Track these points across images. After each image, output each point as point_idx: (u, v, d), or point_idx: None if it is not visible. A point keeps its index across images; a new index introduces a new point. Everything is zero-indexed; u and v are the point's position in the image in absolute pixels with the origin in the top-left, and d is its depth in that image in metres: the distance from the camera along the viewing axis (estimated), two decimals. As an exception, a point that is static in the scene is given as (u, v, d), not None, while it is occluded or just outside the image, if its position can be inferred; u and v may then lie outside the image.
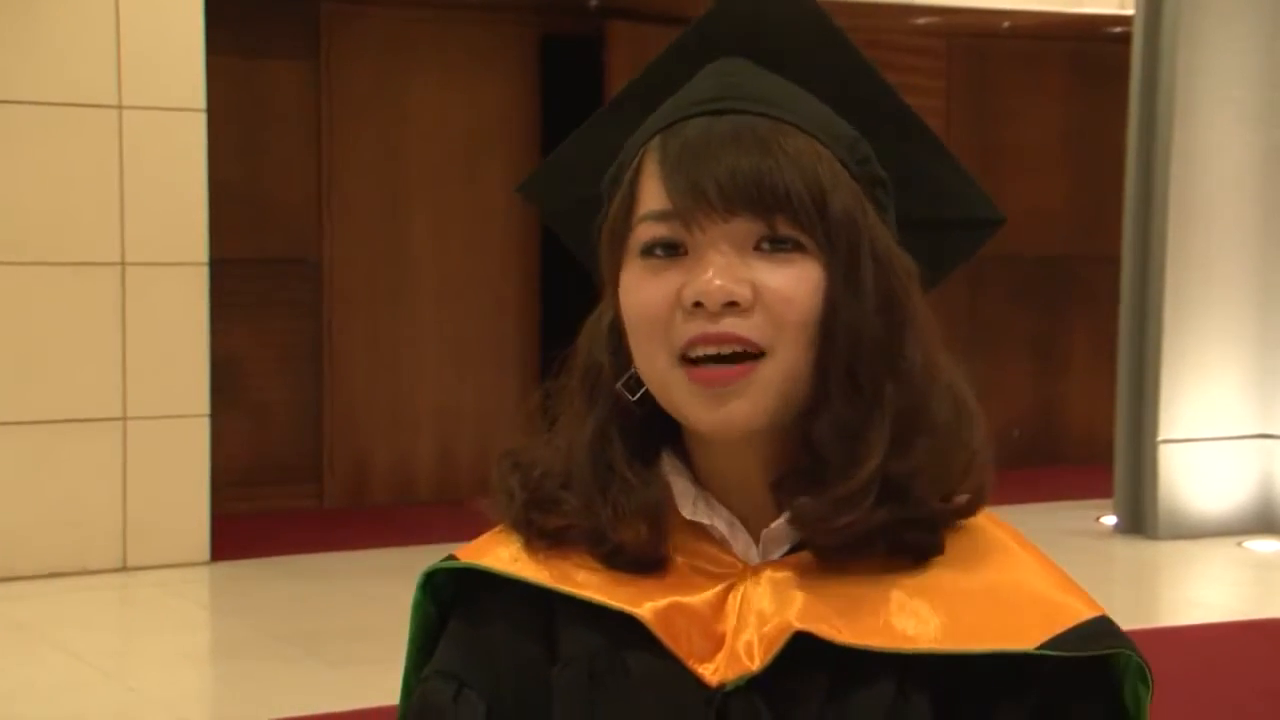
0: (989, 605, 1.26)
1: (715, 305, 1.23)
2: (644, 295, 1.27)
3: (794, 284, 1.25)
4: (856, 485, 1.24)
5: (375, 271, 9.30)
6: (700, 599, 1.29)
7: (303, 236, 9.14)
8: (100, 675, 5.80)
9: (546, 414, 1.37)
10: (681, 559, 1.31)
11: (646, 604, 1.28)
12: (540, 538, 1.33)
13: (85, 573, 7.32)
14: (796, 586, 1.28)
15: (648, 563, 1.30)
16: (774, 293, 1.24)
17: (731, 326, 1.24)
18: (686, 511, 1.31)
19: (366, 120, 9.23)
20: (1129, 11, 9.11)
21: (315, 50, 9.13)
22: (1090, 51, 10.69)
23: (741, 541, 1.31)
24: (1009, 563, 1.30)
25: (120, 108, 7.36)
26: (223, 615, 7.06)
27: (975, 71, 10.69)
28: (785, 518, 1.28)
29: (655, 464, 1.32)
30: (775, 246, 1.25)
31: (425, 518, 8.68)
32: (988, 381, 10.16)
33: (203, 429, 7.59)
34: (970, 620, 1.25)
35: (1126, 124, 8.59)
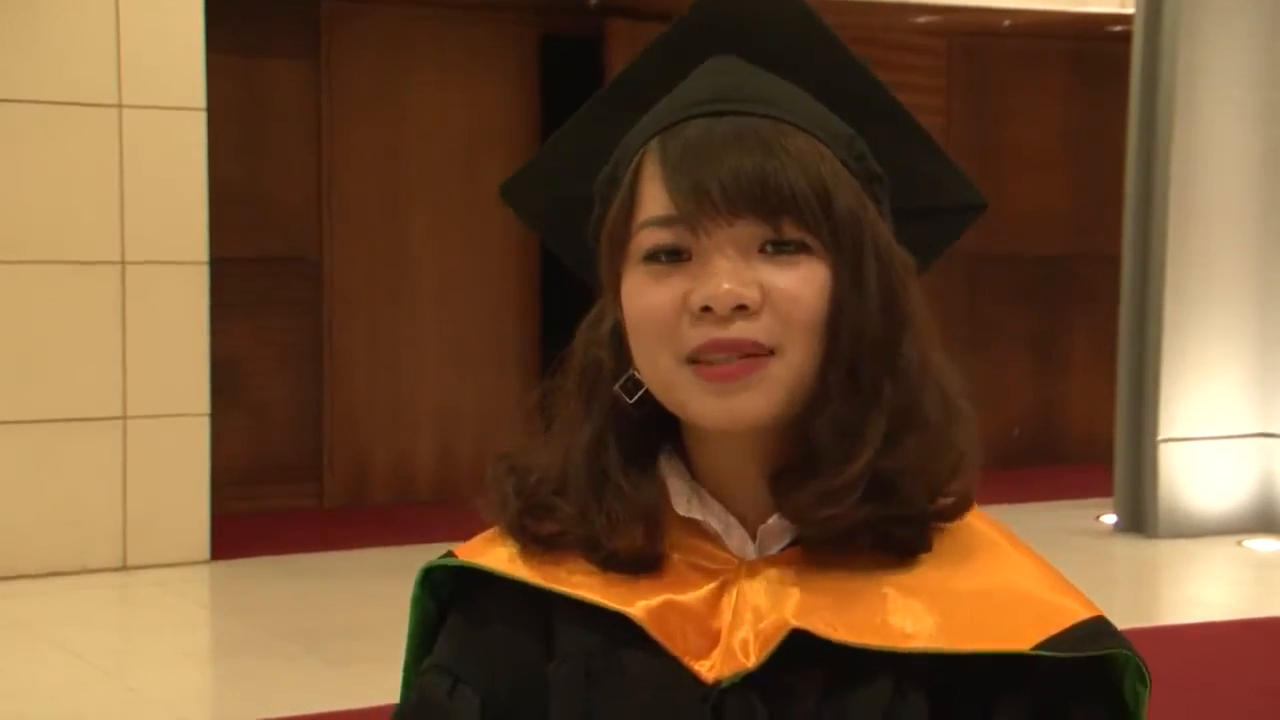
0: (984, 606, 1.26)
1: (724, 310, 1.23)
2: (649, 301, 1.26)
3: (801, 284, 1.24)
4: (845, 480, 1.25)
5: (375, 270, 9.30)
6: (695, 596, 1.29)
7: (303, 236, 9.14)
8: (100, 674, 5.80)
9: (543, 415, 1.36)
10: (677, 556, 1.31)
11: (640, 603, 1.28)
12: (535, 543, 1.33)
13: (85, 572, 7.32)
14: (793, 583, 1.28)
15: (643, 562, 1.30)
16: (781, 293, 1.24)
17: (741, 331, 1.23)
18: (681, 509, 1.31)
19: (367, 119, 9.23)
20: (1129, 10, 9.11)
21: (315, 49, 9.13)
22: (1090, 50, 10.69)
23: (737, 538, 1.31)
24: (1003, 563, 1.30)
25: (120, 107, 7.37)
26: (223, 614, 7.06)
27: (975, 71, 10.68)
28: (780, 512, 1.28)
29: (652, 466, 1.32)
30: (780, 248, 1.25)
31: (425, 517, 8.68)
32: (988, 381, 10.11)
33: (203, 428, 7.59)
34: (965, 620, 1.25)
35: (1127, 123, 8.59)
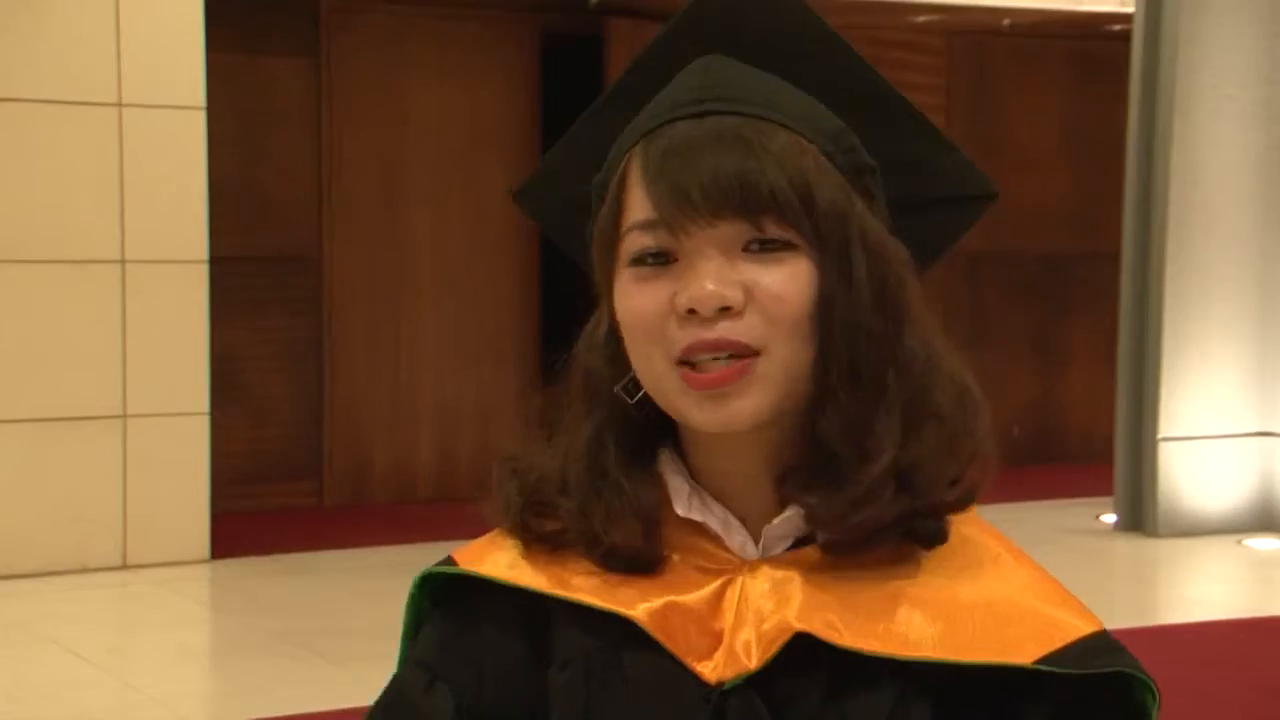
0: (986, 618, 1.26)
1: (708, 311, 1.23)
2: (636, 304, 1.27)
3: (785, 282, 1.24)
4: (873, 480, 1.24)
5: (375, 269, 9.30)
6: (696, 597, 1.29)
7: (303, 234, 9.14)
8: (100, 672, 5.80)
9: (547, 418, 1.37)
10: (677, 557, 1.31)
11: (641, 605, 1.28)
12: (537, 541, 1.33)
13: (85, 570, 7.32)
14: (797, 585, 1.28)
15: (642, 563, 1.30)
16: (765, 291, 1.24)
17: (725, 331, 1.24)
18: (681, 509, 1.31)
19: (366, 118, 9.23)
20: (1129, 9, 9.10)
21: (315, 48, 9.13)
22: (1090, 49, 10.69)
23: (738, 538, 1.31)
24: (1005, 577, 1.30)
25: (120, 105, 7.36)
26: (222, 613, 7.06)
27: (975, 69, 10.68)
28: (790, 512, 1.28)
29: (652, 465, 1.32)
30: (764, 247, 1.25)
31: (425, 515, 8.68)
32: (988, 379, 10.14)
33: (202, 426, 7.59)
34: (968, 632, 1.25)
35: (1126, 121, 8.58)
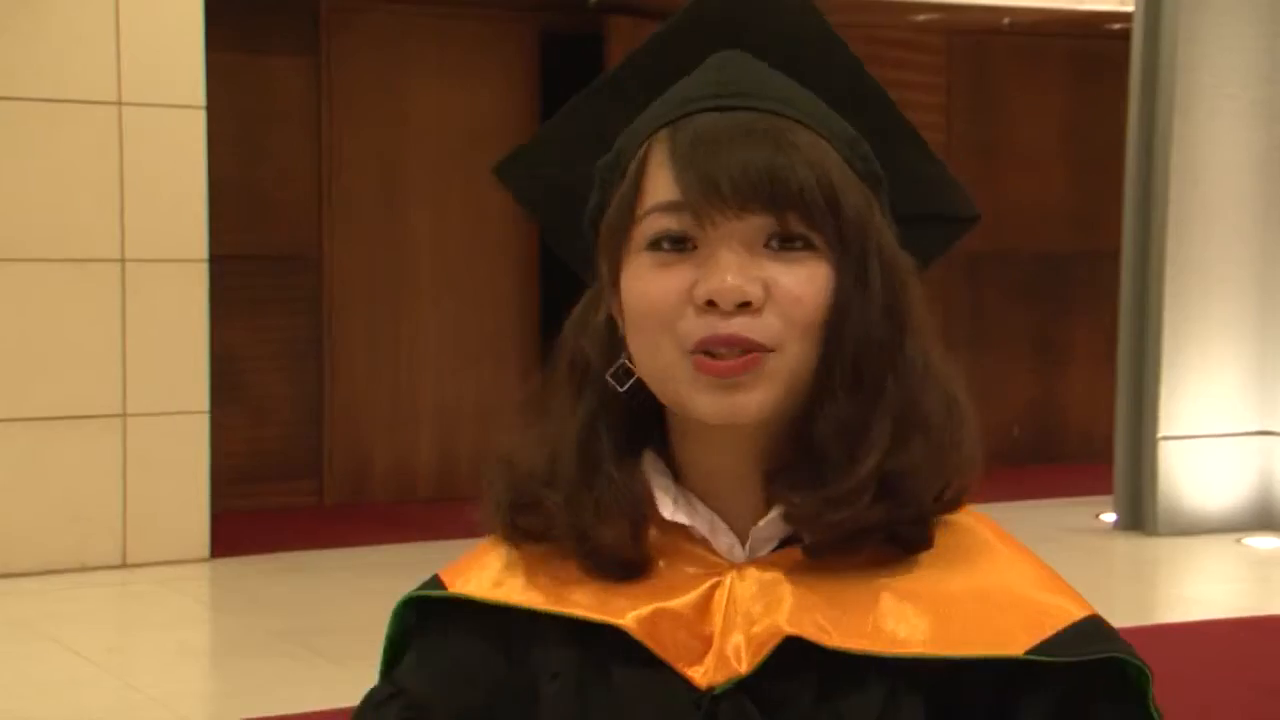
0: (977, 609, 1.26)
1: (729, 305, 1.23)
2: (653, 289, 1.25)
3: (804, 284, 1.24)
4: (854, 483, 1.24)
5: (375, 268, 9.30)
6: (684, 601, 1.28)
7: (302, 233, 9.14)
8: (100, 671, 5.80)
9: (536, 407, 1.36)
10: (663, 561, 1.30)
11: (630, 614, 1.28)
12: (526, 540, 1.32)
13: (85, 569, 7.32)
14: (785, 586, 1.27)
15: (628, 564, 1.29)
16: (785, 292, 1.24)
17: (741, 328, 1.23)
18: (667, 512, 1.30)
19: (366, 117, 9.23)
20: (1129, 8, 9.10)
21: (315, 47, 9.12)
22: (1090, 48, 10.69)
23: (724, 541, 1.30)
24: (995, 564, 1.29)
25: (120, 104, 7.36)
26: (222, 611, 7.06)
27: (975, 68, 10.68)
28: (775, 513, 1.28)
29: (637, 462, 1.31)
30: (785, 244, 1.24)
31: (425, 514, 8.68)
32: (987, 378, 10.10)
33: (202, 425, 7.59)
34: (958, 624, 1.25)
35: (1126, 120, 8.58)
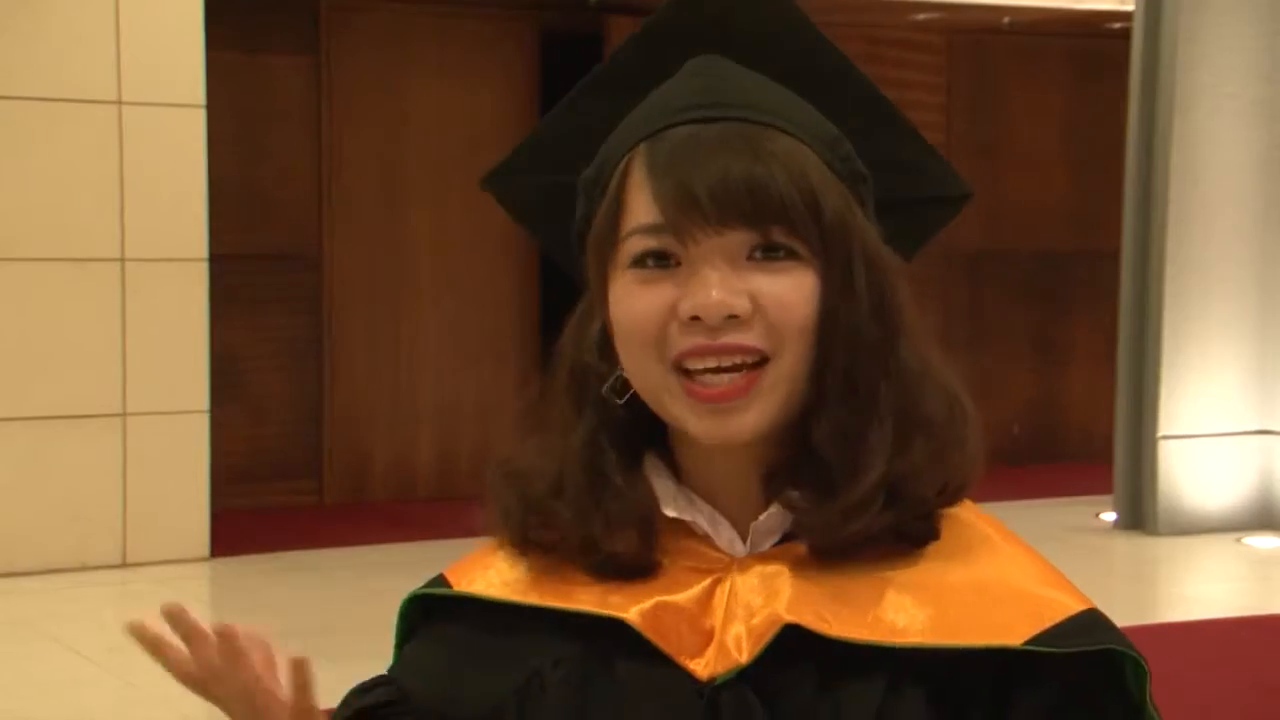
0: (976, 600, 1.26)
1: (715, 320, 1.23)
2: (636, 306, 1.26)
3: (791, 291, 1.24)
4: (864, 492, 1.25)
5: (375, 267, 9.30)
6: (687, 595, 1.29)
7: (302, 232, 9.14)
8: (100, 671, 5.80)
9: (534, 415, 1.36)
10: (667, 559, 1.31)
11: (633, 608, 1.28)
12: (537, 551, 1.33)
13: (85, 568, 7.32)
14: (785, 579, 1.28)
15: (638, 569, 1.30)
16: (773, 300, 1.24)
17: (732, 338, 1.24)
18: (669, 510, 1.31)
19: (366, 116, 9.23)
20: (1129, 7, 9.10)
21: (315, 46, 9.13)
22: (1090, 47, 10.69)
23: (725, 536, 1.31)
24: (995, 558, 1.30)
25: (120, 103, 7.36)
26: (222, 611, 7.05)
27: (975, 67, 10.68)
28: (775, 508, 1.28)
29: (639, 468, 1.32)
30: (768, 255, 1.25)
31: (425, 513, 8.68)
32: (987, 377, 10.07)
33: (202, 424, 7.59)
34: (957, 615, 1.25)
35: (1126, 120, 8.58)
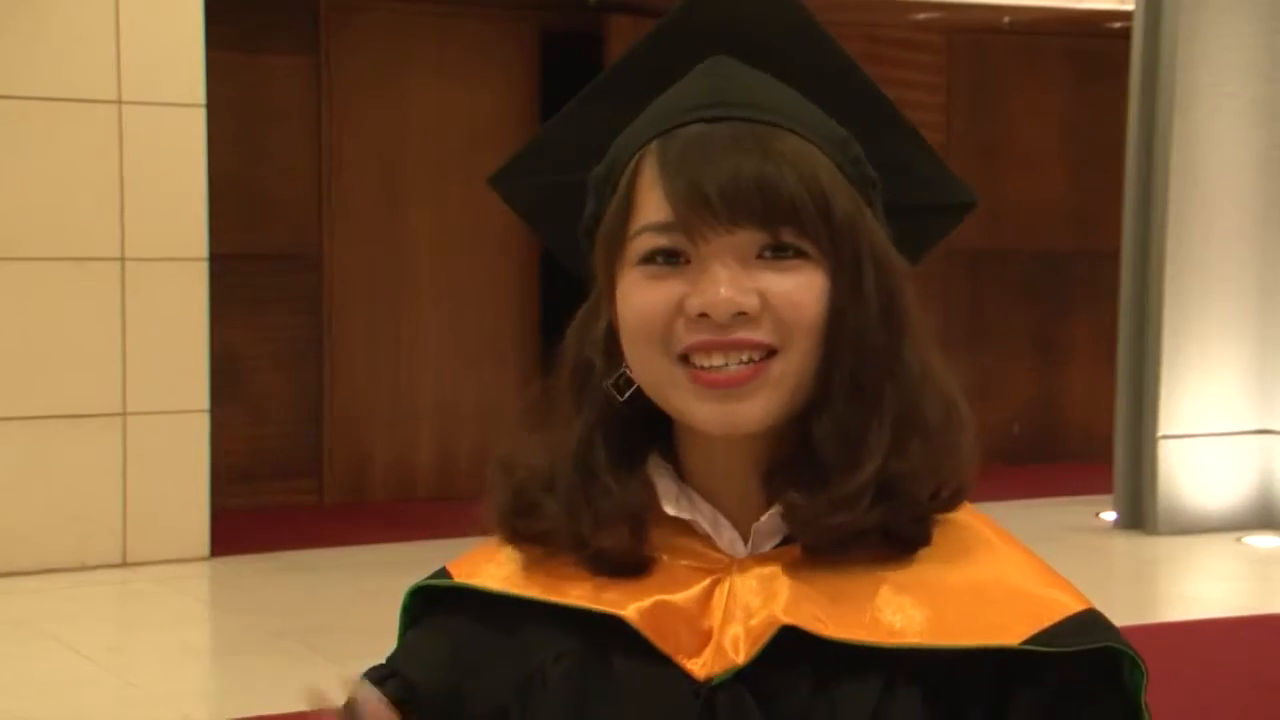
0: (974, 601, 1.26)
1: (723, 318, 1.24)
2: (644, 301, 1.26)
3: (800, 289, 1.25)
4: (855, 487, 1.25)
5: (375, 266, 9.31)
6: (686, 595, 1.29)
7: (303, 232, 9.14)
8: (100, 670, 5.81)
9: (536, 411, 1.37)
10: (667, 556, 1.31)
11: (632, 605, 1.29)
12: (526, 542, 1.34)
13: (85, 568, 7.32)
14: (784, 580, 1.28)
15: (630, 565, 1.30)
16: (782, 298, 1.24)
17: (740, 334, 1.24)
18: (670, 508, 1.31)
19: (366, 116, 9.23)
20: (1129, 7, 9.11)
21: (315, 46, 9.13)
22: (1090, 47, 10.69)
23: (726, 536, 1.31)
24: (993, 558, 1.30)
25: (120, 103, 7.36)
26: (222, 610, 7.06)
27: (975, 67, 10.68)
28: (776, 509, 1.29)
29: (640, 466, 1.32)
30: (778, 254, 1.25)
31: (425, 513, 8.69)
32: (988, 377, 10.07)
33: (202, 424, 7.59)
34: (955, 615, 1.26)
35: (1126, 119, 8.59)
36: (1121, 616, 1.31)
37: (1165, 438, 8.36)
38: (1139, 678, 1.26)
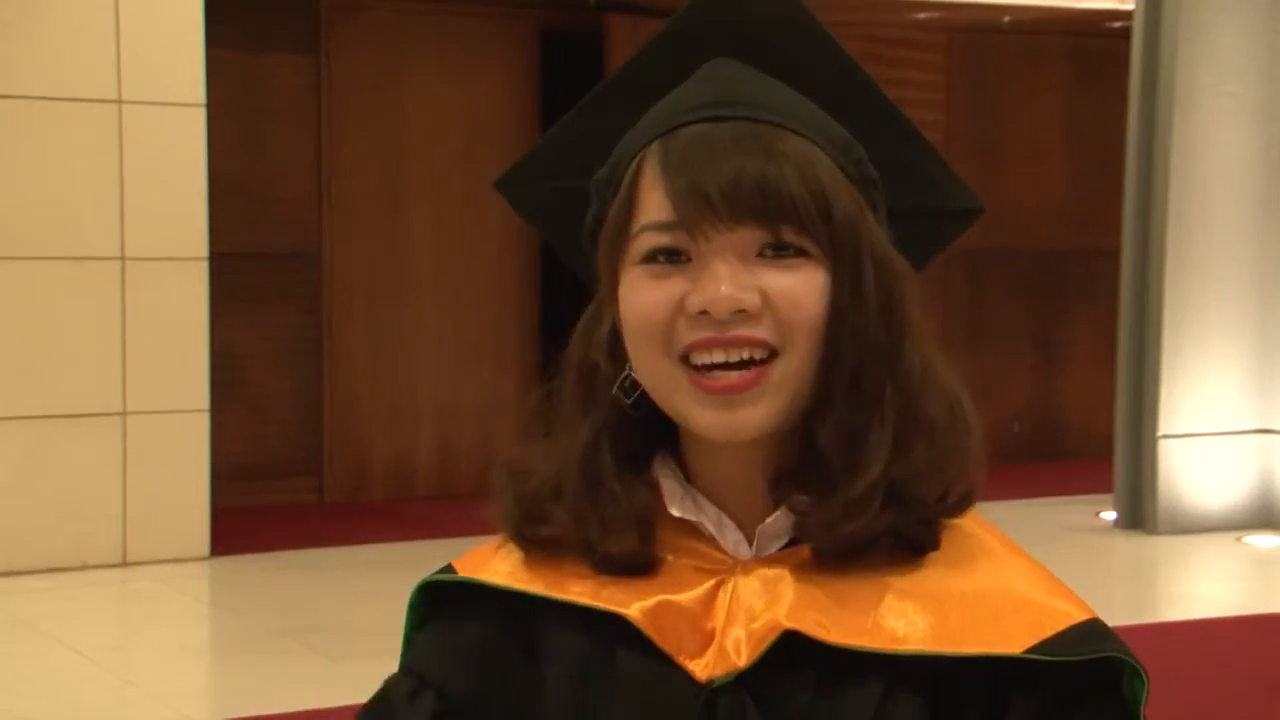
0: (977, 608, 1.26)
1: (723, 314, 1.24)
2: (645, 300, 1.26)
3: (801, 288, 1.25)
4: (863, 490, 1.25)
5: (375, 266, 9.31)
6: (689, 596, 1.29)
7: (303, 231, 9.14)
8: (100, 670, 5.80)
9: (543, 417, 1.37)
10: (671, 557, 1.31)
11: (635, 604, 1.29)
12: (535, 548, 1.34)
13: (85, 567, 7.32)
14: (787, 584, 1.28)
15: (638, 567, 1.31)
16: (782, 296, 1.25)
17: (741, 331, 1.24)
18: (675, 510, 1.31)
19: (366, 115, 9.23)
20: (1129, 6, 9.11)
21: (315, 44, 9.13)
22: (1090, 46, 10.69)
23: (731, 538, 1.31)
24: (997, 567, 1.30)
25: (120, 102, 7.36)
26: (222, 610, 7.06)
27: (975, 66, 10.68)
28: (781, 512, 1.29)
29: (646, 469, 1.32)
30: (778, 253, 1.25)
31: (425, 512, 8.69)
32: (988, 376, 10.07)
33: (202, 423, 7.59)
34: (958, 623, 1.26)
35: (1126, 118, 8.59)
36: (1121, 616, 1.31)
37: (1165, 437, 8.36)
38: (1140, 688, 1.26)
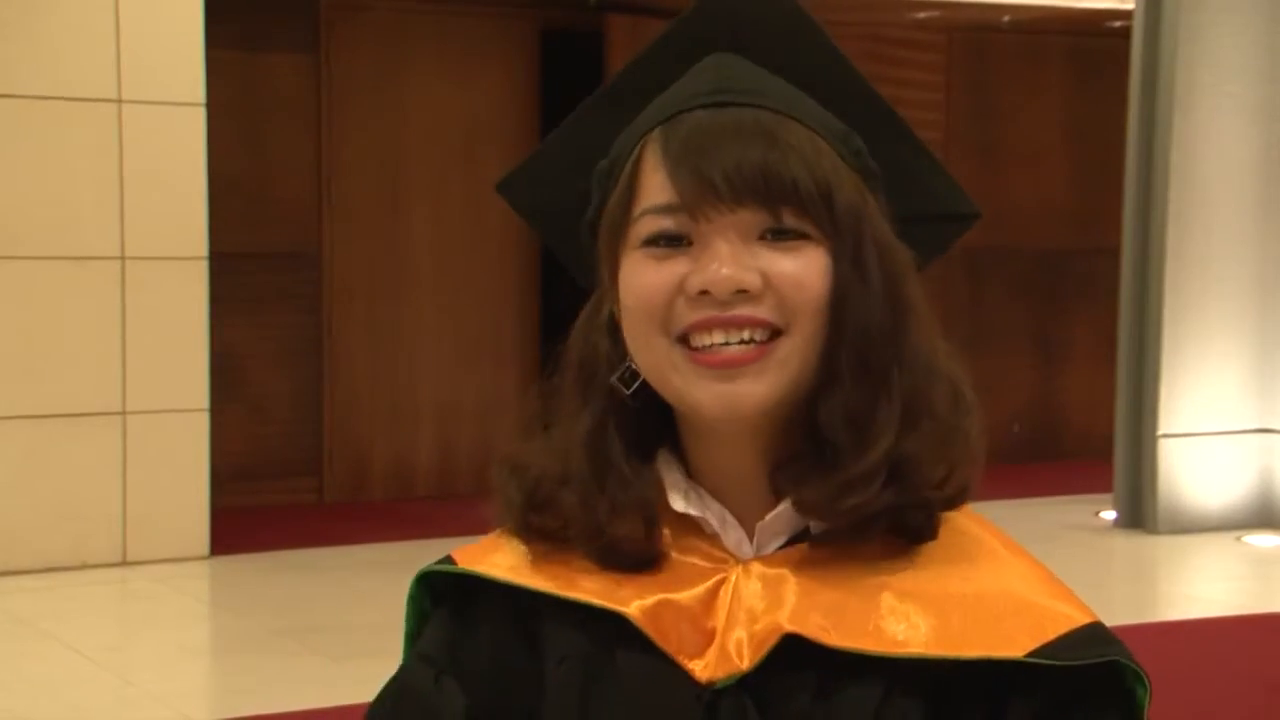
0: (979, 611, 1.26)
1: (724, 294, 1.23)
2: (645, 281, 1.26)
3: (803, 269, 1.25)
4: (867, 467, 1.25)
5: (375, 265, 9.30)
6: (690, 595, 1.29)
7: (303, 230, 9.14)
8: (99, 670, 5.80)
9: (543, 413, 1.36)
10: (673, 554, 1.31)
11: (635, 603, 1.29)
12: (540, 539, 1.33)
13: (84, 567, 7.32)
14: (789, 583, 1.28)
15: (641, 559, 1.30)
16: (785, 277, 1.24)
17: (742, 311, 1.24)
18: (678, 505, 1.31)
19: (366, 114, 9.23)
20: (1129, 5, 9.10)
21: (315, 44, 9.13)
22: (1090, 46, 10.69)
23: (733, 536, 1.31)
24: (998, 568, 1.30)
25: (120, 102, 7.36)
26: (222, 610, 7.06)
27: (975, 66, 10.68)
28: (783, 506, 1.28)
29: (650, 460, 1.32)
30: (779, 237, 1.25)
31: (425, 512, 8.69)
32: (988, 376, 10.05)
33: (202, 423, 7.59)
34: (959, 626, 1.25)
35: (1126, 118, 8.59)
36: (1121, 616, 1.31)
37: (1165, 436, 8.35)
38: (1142, 693, 1.26)
